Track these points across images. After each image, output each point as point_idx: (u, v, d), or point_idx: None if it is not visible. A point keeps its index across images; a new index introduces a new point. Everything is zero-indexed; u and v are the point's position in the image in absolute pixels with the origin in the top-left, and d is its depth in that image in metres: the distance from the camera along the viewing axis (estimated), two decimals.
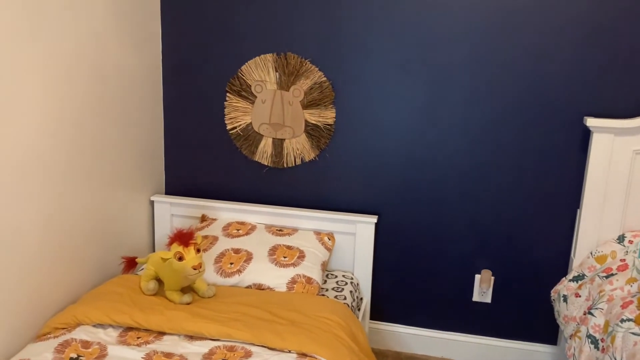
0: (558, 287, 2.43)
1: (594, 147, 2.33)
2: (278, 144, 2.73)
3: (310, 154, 2.71)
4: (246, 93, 2.71)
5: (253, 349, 1.92)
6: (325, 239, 2.64)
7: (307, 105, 2.65)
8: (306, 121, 2.67)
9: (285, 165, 2.75)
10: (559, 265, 2.57)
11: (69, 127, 2.16)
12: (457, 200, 2.62)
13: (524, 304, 2.66)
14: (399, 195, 2.67)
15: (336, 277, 2.64)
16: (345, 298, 2.43)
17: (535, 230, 2.57)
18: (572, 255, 2.51)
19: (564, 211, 2.52)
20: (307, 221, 2.70)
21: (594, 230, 2.40)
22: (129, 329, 2.02)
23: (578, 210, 2.48)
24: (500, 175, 2.55)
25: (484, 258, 2.65)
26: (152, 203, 2.85)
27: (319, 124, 2.66)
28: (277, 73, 2.65)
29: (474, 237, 2.64)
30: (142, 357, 1.84)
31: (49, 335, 1.96)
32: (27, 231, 1.99)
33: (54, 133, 2.09)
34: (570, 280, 2.37)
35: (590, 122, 2.30)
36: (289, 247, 2.52)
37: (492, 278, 2.65)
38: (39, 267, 2.07)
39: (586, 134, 2.42)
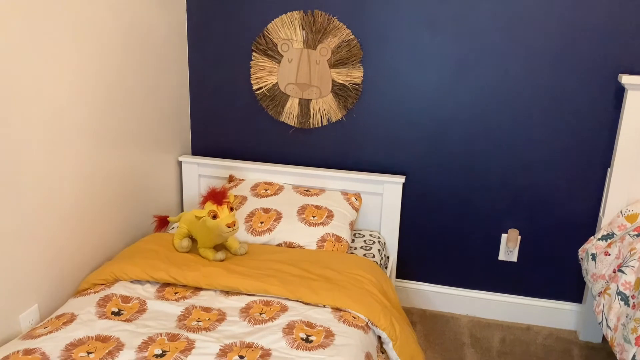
0: (586, 246, 2.44)
1: (628, 104, 2.30)
2: (304, 104, 2.72)
3: (337, 114, 2.70)
4: (272, 52, 2.68)
5: (289, 303, 1.96)
6: (353, 199, 2.65)
7: (335, 64, 2.62)
8: (333, 81, 2.65)
9: (311, 126, 2.75)
10: (587, 224, 2.58)
11: (98, 89, 2.17)
12: (485, 160, 2.61)
13: (550, 263, 2.68)
14: (427, 154, 2.67)
15: (364, 236, 2.67)
16: (373, 256, 2.46)
17: (564, 190, 2.56)
18: (600, 214, 2.51)
19: (594, 170, 2.51)
20: (334, 181, 2.72)
21: (624, 189, 2.39)
22: (166, 284, 2.07)
23: (609, 169, 2.46)
24: (530, 133, 2.53)
25: (511, 217, 2.66)
26: (179, 164, 2.87)
27: (346, 83, 2.64)
28: (304, 31, 2.62)
29: (501, 196, 2.64)
30: (182, 312, 1.89)
31: (89, 291, 2.01)
32: (63, 191, 2.02)
33: (85, 96, 2.09)
34: (599, 239, 2.38)
35: (625, 79, 2.26)
36: (317, 207, 2.54)
37: (519, 237, 2.67)
38: (74, 226, 2.11)
39: (620, 91, 2.39)
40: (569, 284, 2.68)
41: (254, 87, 2.76)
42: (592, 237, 2.42)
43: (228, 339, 1.72)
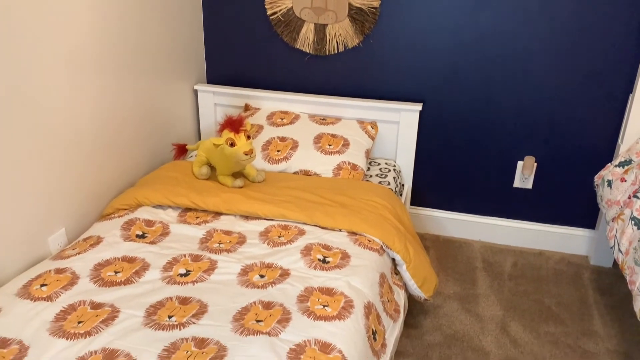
0: (602, 172, 2.43)
1: None
2: (320, 29, 2.66)
3: (353, 40, 2.65)
4: None
5: (306, 227, 2.01)
6: (369, 127, 2.65)
7: None
8: (350, 4, 2.58)
9: (327, 53, 2.71)
10: (604, 151, 2.56)
11: (113, 19, 2.14)
12: (504, 86, 2.57)
13: (565, 189, 2.69)
14: (445, 81, 2.63)
15: (379, 164, 2.69)
16: (389, 184, 2.49)
17: (583, 117, 2.53)
18: (619, 141, 2.49)
19: (614, 96, 2.46)
20: (350, 110, 2.71)
21: None
22: (187, 210, 2.13)
23: (630, 95, 2.41)
24: (550, 59, 2.47)
25: (527, 144, 2.65)
26: (195, 92, 2.87)
27: (363, 7, 2.57)
28: None
29: (519, 123, 2.62)
30: (203, 235, 1.96)
31: (113, 215, 2.08)
32: (83, 121, 2.05)
33: (100, 26, 2.07)
34: (616, 166, 2.37)
35: None
36: (333, 136, 2.55)
37: (535, 164, 2.67)
38: (96, 154, 2.15)
39: None
40: (582, 211, 2.71)
41: (269, 12, 2.70)
42: (609, 164, 2.42)
43: (249, 260, 1.79)
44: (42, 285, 1.61)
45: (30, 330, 1.44)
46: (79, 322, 1.46)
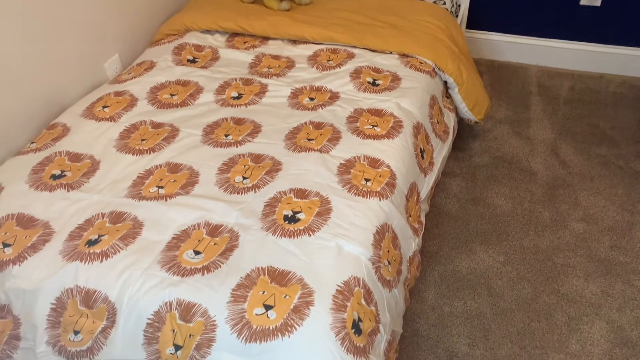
0: None
1: None
2: None
3: None
4: None
5: (355, 51, 1.97)
6: None
7: None
8: None
9: None
10: None
11: None
12: None
13: (637, 5, 2.45)
14: None
15: None
16: (444, 3, 2.34)
17: None
18: None
19: None
20: None
21: None
22: (235, 34, 2.11)
23: None
24: None
25: None
26: None
27: None
28: None
29: None
30: (252, 59, 1.95)
31: (162, 41, 2.08)
32: None
33: None
34: None
35: None
36: None
37: None
38: None
39: None
40: None
41: None
42: None
43: (298, 84, 1.80)
44: (104, 107, 1.69)
45: (99, 147, 1.55)
46: (142, 140, 1.56)
